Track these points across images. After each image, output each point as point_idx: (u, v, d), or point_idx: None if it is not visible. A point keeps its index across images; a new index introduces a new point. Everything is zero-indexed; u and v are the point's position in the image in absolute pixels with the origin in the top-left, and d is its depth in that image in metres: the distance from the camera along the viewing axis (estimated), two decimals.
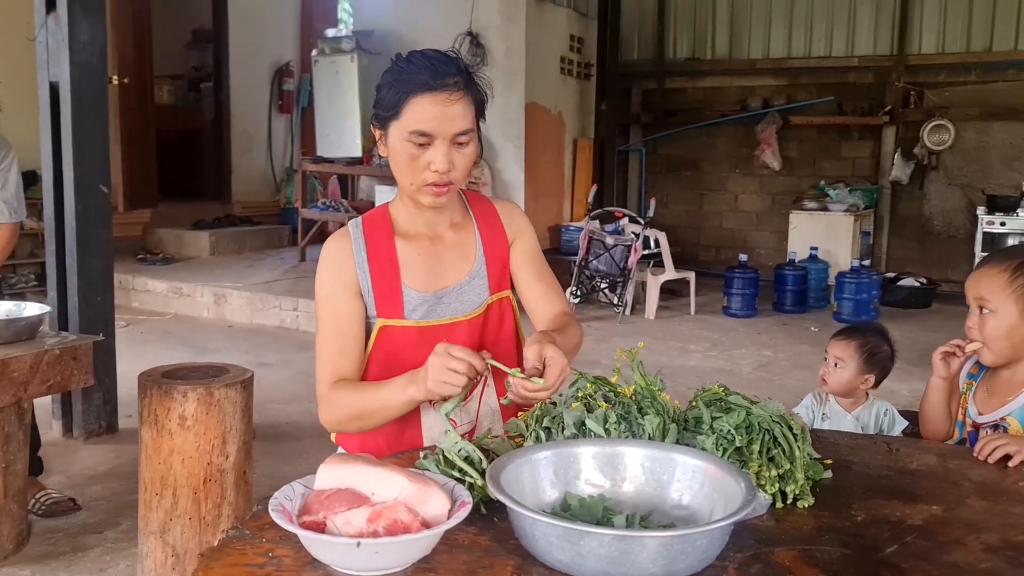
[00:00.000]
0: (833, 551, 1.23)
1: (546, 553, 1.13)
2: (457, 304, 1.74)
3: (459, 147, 1.62)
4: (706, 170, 9.85)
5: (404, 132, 1.60)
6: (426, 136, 1.59)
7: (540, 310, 1.83)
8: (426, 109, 1.58)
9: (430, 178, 1.61)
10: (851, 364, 2.64)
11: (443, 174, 1.60)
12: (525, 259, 1.83)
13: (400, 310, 1.70)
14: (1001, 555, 1.23)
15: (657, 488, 1.33)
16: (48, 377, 2.98)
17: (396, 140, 1.62)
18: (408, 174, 1.64)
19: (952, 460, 1.65)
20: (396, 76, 1.62)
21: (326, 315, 1.71)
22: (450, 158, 1.60)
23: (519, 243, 1.83)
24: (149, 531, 2.84)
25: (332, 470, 1.23)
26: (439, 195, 1.64)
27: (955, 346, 1.94)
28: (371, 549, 1.07)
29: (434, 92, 1.58)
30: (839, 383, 2.66)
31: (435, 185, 1.62)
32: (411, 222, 1.75)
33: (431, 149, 1.60)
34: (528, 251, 1.84)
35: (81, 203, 4.23)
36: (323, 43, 8.68)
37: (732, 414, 1.47)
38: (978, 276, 1.89)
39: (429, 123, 1.58)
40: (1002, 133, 8.49)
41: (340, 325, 1.69)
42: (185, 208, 9.61)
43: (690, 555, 1.09)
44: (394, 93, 1.61)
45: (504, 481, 1.21)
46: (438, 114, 1.58)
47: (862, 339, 2.67)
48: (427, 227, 1.75)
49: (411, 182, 1.64)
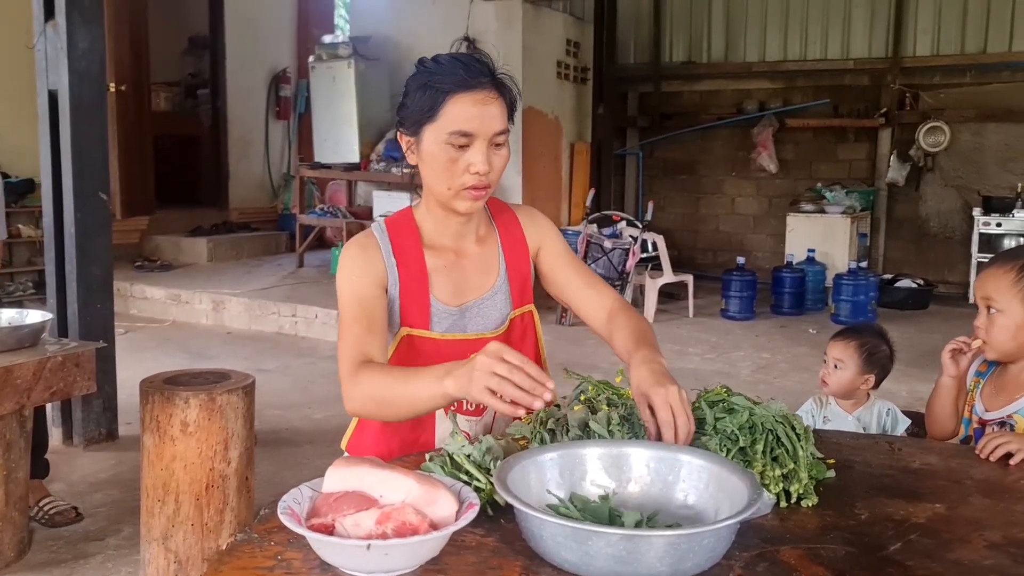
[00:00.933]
0: (838, 549, 1.24)
1: (554, 553, 1.13)
2: (480, 319, 1.72)
3: (496, 148, 1.59)
4: (703, 173, 9.87)
5: (443, 134, 1.56)
6: (467, 136, 1.55)
7: (591, 307, 1.77)
8: (466, 108, 1.55)
9: (469, 181, 1.58)
10: (851, 365, 2.65)
11: (483, 176, 1.57)
12: (559, 260, 1.80)
13: (427, 321, 1.68)
14: (1005, 552, 1.24)
15: (663, 488, 1.33)
16: (51, 384, 2.98)
17: (433, 144, 1.58)
18: (446, 178, 1.59)
19: (954, 459, 1.66)
20: (428, 79, 1.58)
21: (350, 299, 1.63)
22: (489, 159, 1.58)
23: (547, 247, 1.80)
24: (151, 538, 2.84)
25: (340, 473, 1.24)
26: (477, 198, 1.61)
27: (962, 343, 1.96)
28: (381, 551, 1.08)
29: (472, 91, 1.56)
30: (840, 384, 2.68)
31: (474, 188, 1.59)
32: (438, 232, 1.71)
33: (470, 150, 1.57)
34: (559, 252, 1.81)
35: (80, 210, 4.23)
36: (320, 49, 8.69)
37: (735, 415, 1.48)
38: (985, 276, 1.91)
39: (471, 122, 1.55)
40: (997, 134, 8.52)
41: (366, 307, 1.62)
42: (183, 215, 9.62)
43: (697, 554, 1.10)
44: (429, 95, 1.57)
45: (511, 482, 1.22)
46: (479, 113, 1.56)
47: (861, 339, 2.68)
48: (453, 239, 1.71)
49: (449, 187, 1.60)
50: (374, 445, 1.73)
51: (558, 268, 1.80)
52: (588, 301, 1.78)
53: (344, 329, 1.62)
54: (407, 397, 1.48)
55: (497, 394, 1.30)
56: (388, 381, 1.51)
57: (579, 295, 1.79)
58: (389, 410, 1.52)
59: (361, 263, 1.66)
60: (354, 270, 1.65)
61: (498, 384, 1.29)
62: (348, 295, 1.64)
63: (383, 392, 1.50)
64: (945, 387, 2.02)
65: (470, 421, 1.73)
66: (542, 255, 1.80)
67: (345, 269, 1.66)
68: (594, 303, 1.77)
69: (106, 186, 4.37)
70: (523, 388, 1.29)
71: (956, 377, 1.99)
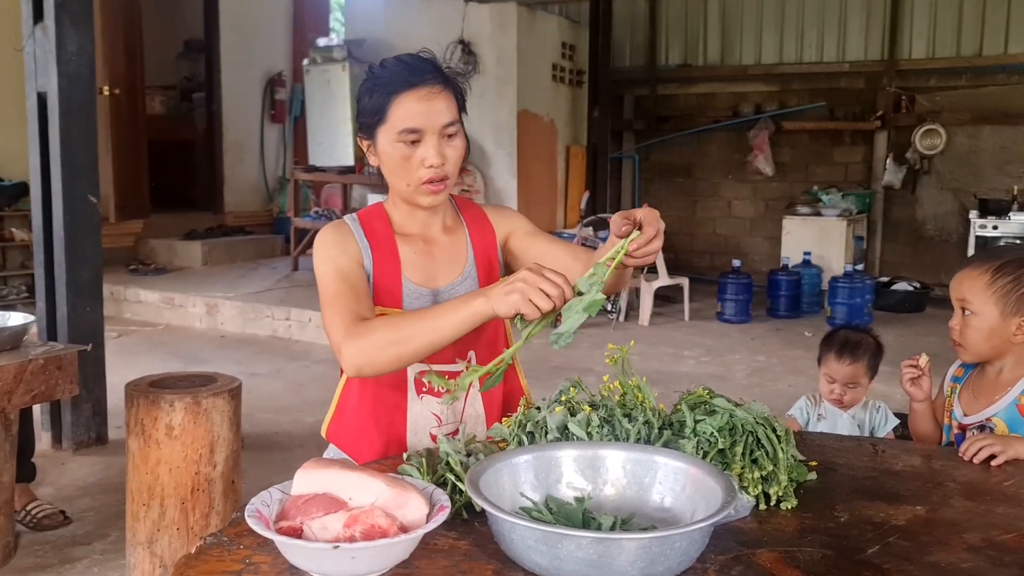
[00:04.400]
0: (815, 552, 1.23)
1: (525, 557, 1.12)
2: None
3: (448, 139, 1.64)
4: (699, 176, 9.85)
5: (393, 134, 1.63)
6: (415, 132, 1.61)
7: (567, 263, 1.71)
8: (411, 106, 1.61)
9: (425, 175, 1.63)
10: (864, 382, 2.67)
11: (438, 168, 1.63)
12: (529, 237, 1.81)
13: (399, 301, 1.71)
14: (983, 554, 1.23)
15: (639, 491, 1.32)
16: (32, 387, 2.97)
17: (386, 144, 1.65)
18: (403, 175, 1.65)
19: (937, 461, 1.64)
20: (375, 83, 1.65)
21: (333, 275, 1.64)
22: (441, 152, 1.63)
23: (516, 231, 1.82)
24: (137, 542, 2.83)
25: (309, 475, 1.22)
26: (436, 191, 1.66)
27: (911, 367, 1.96)
28: (347, 554, 1.06)
29: (416, 88, 1.61)
30: (854, 400, 2.69)
31: (431, 182, 1.64)
32: (406, 222, 1.76)
33: (422, 146, 1.62)
34: (528, 231, 1.82)
35: (69, 214, 4.21)
36: (315, 52, 8.69)
37: (715, 416, 1.46)
38: (960, 277, 1.89)
39: (417, 119, 1.61)
40: (993, 137, 8.51)
41: (349, 280, 1.63)
42: (177, 218, 9.60)
43: (669, 557, 1.08)
44: (376, 98, 1.64)
45: (484, 485, 1.20)
46: (424, 109, 1.61)
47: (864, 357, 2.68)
48: (421, 228, 1.76)
49: (407, 183, 1.65)
50: (352, 427, 1.76)
51: (531, 244, 1.81)
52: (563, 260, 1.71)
53: (331, 298, 1.61)
54: (427, 329, 1.48)
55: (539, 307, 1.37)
56: (402, 320, 1.53)
57: (556, 260, 1.71)
58: (406, 347, 1.49)
59: (338, 244, 1.69)
60: (331, 250, 1.68)
61: (540, 298, 1.37)
62: (330, 273, 1.65)
63: (399, 331, 1.50)
64: (918, 411, 2.02)
65: (440, 403, 1.74)
66: (513, 239, 1.82)
67: (322, 251, 1.68)
68: (570, 259, 1.72)
69: (96, 189, 4.35)
70: (557, 305, 1.38)
71: (925, 400, 1.99)
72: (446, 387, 1.45)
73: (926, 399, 1.99)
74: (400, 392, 1.73)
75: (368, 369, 1.54)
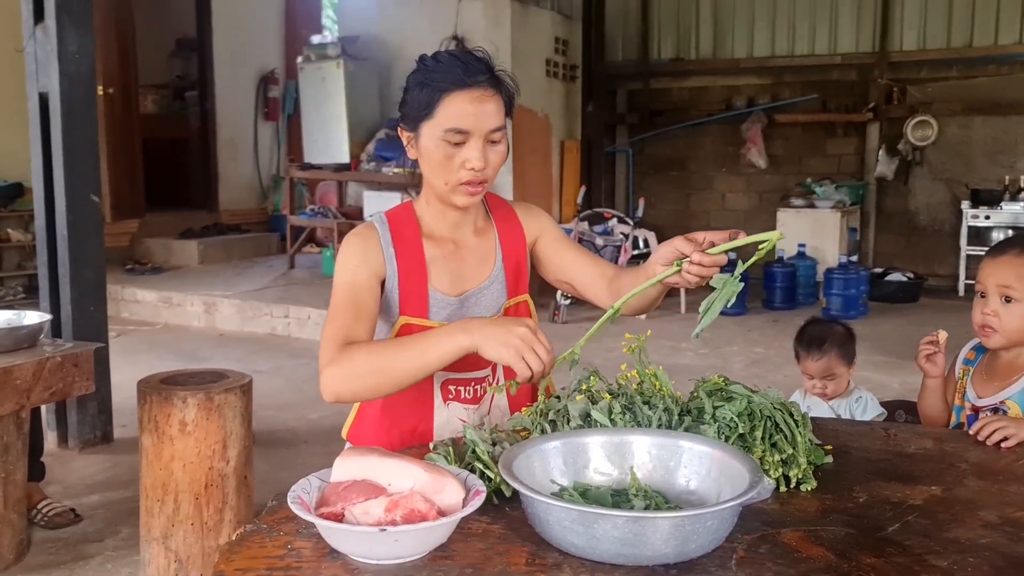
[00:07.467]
0: (838, 531, 1.27)
1: (560, 538, 1.15)
2: (477, 309, 1.75)
3: (493, 144, 1.62)
4: (693, 169, 9.90)
5: (439, 131, 1.60)
6: (462, 133, 1.59)
7: (592, 276, 1.80)
8: (462, 107, 1.59)
9: (465, 177, 1.61)
10: (841, 371, 2.71)
11: (478, 172, 1.61)
12: (557, 244, 1.84)
13: (425, 310, 1.70)
14: (1000, 531, 1.27)
15: (665, 475, 1.35)
16: (51, 384, 2.99)
17: (429, 140, 1.62)
18: (442, 174, 1.63)
19: (949, 443, 1.68)
20: (426, 76, 1.62)
21: (345, 285, 1.65)
22: (485, 155, 1.61)
23: (545, 235, 1.84)
24: (151, 537, 2.85)
25: (347, 463, 1.25)
26: (473, 194, 1.64)
27: (929, 343, 1.98)
28: (391, 537, 1.10)
29: (468, 89, 1.59)
30: (838, 391, 2.73)
31: (470, 184, 1.62)
32: (437, 223, 1.74)
33: (466, 147, 1.60)
34: (556, 236, 1.85)
35: (72, 213, 4.22)
36: (308, 50, 8.69)
37: (734, 402, 1.50)
38: (1001, 263, 1.87)
39: (466, 120, 1.59)
40: (984, 127, 8.58)
41: (358, 296, 1.64)
42: (173, 217, 9.60)
43: (701, 535, 1.12)
44: (427, 92, 1.61)
45: (516, 470, 1.24)
46: (474, 111, 1.59)
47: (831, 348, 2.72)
48: (452, 230, 1.75)
49: (445, 182, 1.63)
50: (373, 433, 1.76)
51: (558, 251, 1.84)
52: (588, 271, 1.81)
53: (334, 310, 1.63)
54: (410, 360, 1.49)
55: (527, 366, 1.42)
56: (384, 349, 1.54)
57: (582, 271, 1.81)
58: (385, 377, 1.50)
59: (360, 254, 1.68)
60: (352, 260, 1.68)
61: (531, 357, 1.42)
62: (344, 281, 1.66)
63: (380, 360, 1.51)
64: (931, 387, 2.03)
65: (467, 409, 1.76)
66: (541, 243, 1.84)
67: (344, 258, 1.69)
68: (595, 272, 1.80)
69: (97, 188, 4.36)
70: (538, 373, 1.43)
71: (939, 377, 2.01)
72: (516, 390, 1.51)
73: (940, 376, 2.00)
74: (424, 401, 1.73)
75: (346, 396, 1.56)
